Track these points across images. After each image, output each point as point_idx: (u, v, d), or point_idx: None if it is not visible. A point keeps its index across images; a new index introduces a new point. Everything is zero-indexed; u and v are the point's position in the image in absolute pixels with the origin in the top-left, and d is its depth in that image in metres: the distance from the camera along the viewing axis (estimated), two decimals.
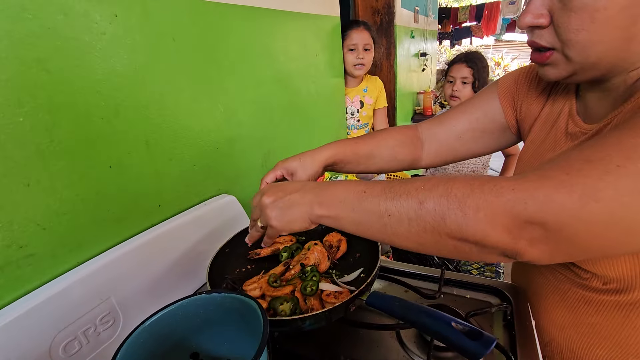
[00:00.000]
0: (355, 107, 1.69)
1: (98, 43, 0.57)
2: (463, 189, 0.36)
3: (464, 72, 1.54)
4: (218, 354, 0.51)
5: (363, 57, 1.57)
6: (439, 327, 0.40)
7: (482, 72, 1.55)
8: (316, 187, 0.47)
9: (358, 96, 1.68)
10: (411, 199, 0.38)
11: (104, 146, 0.59)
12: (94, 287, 0.56)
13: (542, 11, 0.43)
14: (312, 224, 0.47)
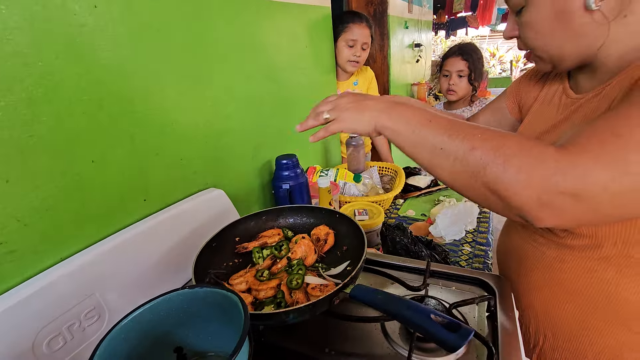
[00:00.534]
0: None
1: (78, 35, 0.55)
2: (514, 147, 0.38)
3: (460, 65, 1.53)
4: (202, 348, 0.51)
5: (360, 55, 1.51)
6: (418, 320, 0.41)
7: (478, 64, 1.54)
8: (390, 102, 0.51)
9: (348, 90, 1.67)
10: (465, 142, 0.41)
11: (87, 141, 0.58)
12: (78, 282, 0.56)
13: (514, 26, 0.57)
14: (375, 131, 0.51)
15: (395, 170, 1.46)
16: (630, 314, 0.54)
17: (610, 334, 0.57)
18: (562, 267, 0.59)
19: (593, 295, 0.56)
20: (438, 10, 5.54)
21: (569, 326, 0.61)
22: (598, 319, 0.57)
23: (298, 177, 1.04)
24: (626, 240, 0.50)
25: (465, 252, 1.03)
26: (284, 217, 0.81)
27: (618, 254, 0.52)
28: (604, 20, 0.46)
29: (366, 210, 1.14)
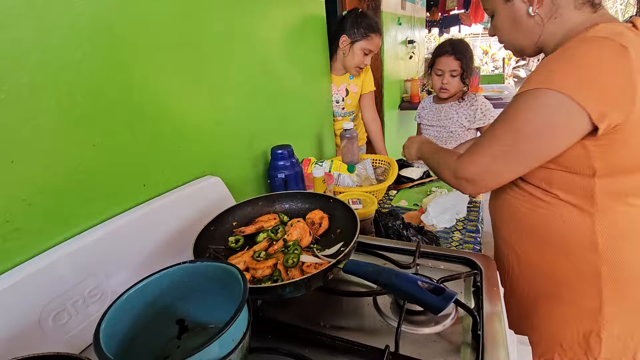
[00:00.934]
0: (341, 95, 1.70)
1: (77, 23, 0.57)
2: (441, 160, 0.81)
3: (453, 65, 1.54)
4: (203, 320, 0.54)
5: (366, 64, 1.60)
6: (406, 287, 0.44)
7: (470, 62, 1.56)
8: (424, 142, 0.98)
9: (344, 84, 1.69)
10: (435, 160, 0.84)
11: (87, 125, 0.60)
12: (81, 261, 0.58)
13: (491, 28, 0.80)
14: (418, 157, 0.99)
15: (389, 162, 1.49)
16: (563, 243, 0.73)
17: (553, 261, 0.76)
18: (520, 208, 0.78)
19: (541, 228, 0.75)
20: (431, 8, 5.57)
21: (527, 256, 0.81)
22: (545, 250, 0.76)
23: (293, 166, 1.07)
24: (548, 182, 0.71)
25: (455, 238, 1.06)
26: (279, 202, 0.83)
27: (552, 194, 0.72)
28: (541, 22, 0.69)
29: (360, 199, 1.17)
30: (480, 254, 0.70)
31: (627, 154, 0.62)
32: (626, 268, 0.70)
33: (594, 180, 0.65)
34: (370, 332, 0.57)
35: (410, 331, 0.56)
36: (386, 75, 2.59)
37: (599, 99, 0.56)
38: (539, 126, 0.61)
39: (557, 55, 0.61)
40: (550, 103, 0.59)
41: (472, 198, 1.29)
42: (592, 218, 0.68)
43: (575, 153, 0.63)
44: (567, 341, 0.78)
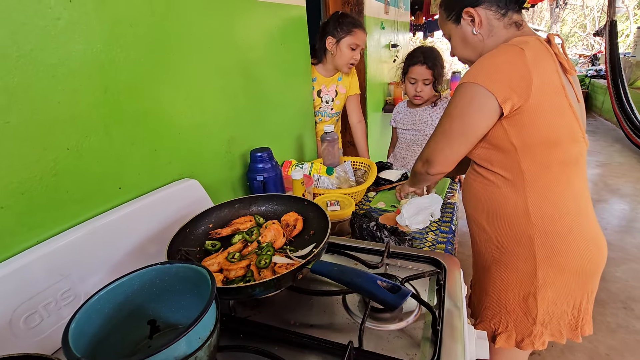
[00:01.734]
0: (331, 96, 1.73)
1: (53, 28, 0.58)
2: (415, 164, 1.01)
3: (426, 74, 1.60)
4: (174, 321, 0.55)
5: (357, 58, 1.63)
6: (366, 285, 0.47)
7: (440, 70, 1.62)
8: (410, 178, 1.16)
9: (334, 85, 1.72)
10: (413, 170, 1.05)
11: (62, 129, 0.61)
12: (54, 264, 0.59)
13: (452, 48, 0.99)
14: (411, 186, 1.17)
15: (368, 164, 1.53)
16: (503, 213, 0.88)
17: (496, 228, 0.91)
18: (475, 186, 0.94)
19: (485, 201, 0.92)
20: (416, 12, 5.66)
21: (478, 224, 0.97)
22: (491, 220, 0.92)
23: (272, 169, 1.09)
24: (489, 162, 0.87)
25: (429, 239, 1.10)
26: (256, 205, 0.85)
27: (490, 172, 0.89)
28: (482, 39, 0.88)
29: (338, 201, 1.19)
30: (446, 253, 0.74)
31: (534, 131, 0.78)
32: (554, 235, 0.83)
33: (517, 155, 0.81)
34: (338, 329, 0.60)
35: (376, 328, 0.59)
36: (369, 78, 2.63)
37: (503, 86, 0.75)
38: (463, 108, 0.81)
39: (479, 59, 0.81)
40: (470, 91, 0.79)
41: (447, 199, 1.34)
42: (524, 189, 0.83)
43: (497, 133, 0.82)
44: (510, 303, 0.92)
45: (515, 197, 0.85)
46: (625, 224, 2.77)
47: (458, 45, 0.94)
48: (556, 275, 0.86)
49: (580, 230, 0.85)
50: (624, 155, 4.20)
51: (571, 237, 0.84)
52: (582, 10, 10.72)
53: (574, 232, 0.84)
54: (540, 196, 0.83)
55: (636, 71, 4.95)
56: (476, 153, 0.90)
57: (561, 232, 0.84)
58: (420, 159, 0.96)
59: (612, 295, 1.99)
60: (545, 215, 0.83)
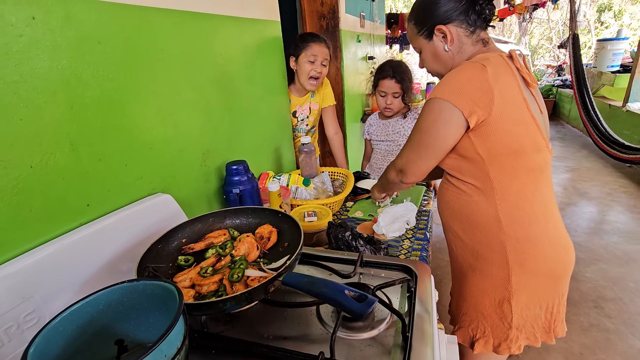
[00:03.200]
0: (305, 114, 1.76)
1: (14, 45, 0.57)
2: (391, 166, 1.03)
3: (395, 87, 1.66)
4: (143, 339, 0.54)
5: (320, 71, 1.63)
6: (334, 295, 0.47)
7: (409, 84, 1.68)
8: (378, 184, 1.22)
9: (307, 104, 1.75)
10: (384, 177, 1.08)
11: (24, 147, 0.60)
12: (16, 286, 0.57)
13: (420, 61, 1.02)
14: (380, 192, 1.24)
15: (346, 174, 1.55)
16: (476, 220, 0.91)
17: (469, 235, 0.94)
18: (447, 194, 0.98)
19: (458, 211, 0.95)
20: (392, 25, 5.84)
21: (453, 233, 1.00)
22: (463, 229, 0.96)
23: (249, 181, 1.09)
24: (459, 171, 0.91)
25: (405, 246, 1.12)
26: (230, 218, 0.85)
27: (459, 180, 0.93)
28: (452, 55, 0.92)
29: (315, 212, 1.20)
30: (418, 261, 0.76)
31: (498, 141, 0.82)
32: (525, 240, 0.87)
33: (485, 164, 0.85)
34: (311, 340, 0.60)
35: (349, 337, 0.59)
36: (347, 89, 2.68)
37: (467, 101, 0.79)
38: (432, 123, 0.85)
39: (445, 76, 0.85)
40: (437, 106, 0.83)
41: (422, 207, 1.37)
42: (494, 197, 0.87)
43: (464, 144, 0.86)
44: (486, 309, 0.95)
45: (486, 204, 0.88)
46: (594, 225, 2.89)
47: (429, 59, 0.97)
48: (528, 280, 0.89)
49: (548, 235, 0.89)
50: (591, 160, 4.41)
51: (540, 241, 0.87)
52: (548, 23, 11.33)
53: (542, 237, 0.87)
54: (509, 203, 0.86)
55: (598, 81, 5.25)
56: (447, 163, 0.93)
57: (531, 237, 0.87)
58: (394, 168, 0.99)
59: (584, 295, 2.07)
60: (515, 221, 0.86)
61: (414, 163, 0.92)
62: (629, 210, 3.08)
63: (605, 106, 4.67)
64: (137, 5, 0.80)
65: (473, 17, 0.88)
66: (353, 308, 0.44)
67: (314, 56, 1.59)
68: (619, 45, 5.07)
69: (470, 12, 0.87)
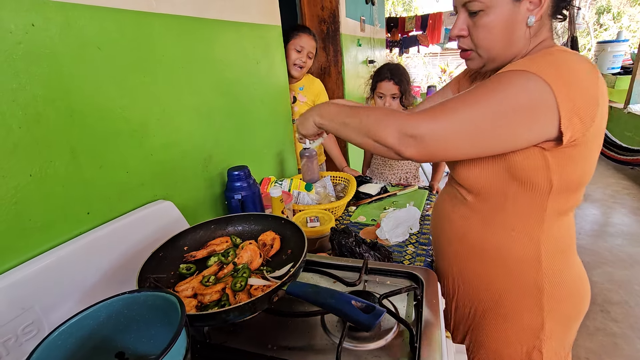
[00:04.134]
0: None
1: (13, 52, 0.57)
2: (383, 116, 0.63)
3: (393, 89, 1.67)
4: (144, 352, 0.53)
5: (305, 62, 1.70)
6: (341, 306, 0.46)
7: (407, 86, 1.69)
8: (320, 106, 0.78)
9: (292, 92, 1.77)
10: (358, 117, 0.67)
11: (23, 155, 0.59)
12: (14, 296, 0.55)
13: (464, 26, 0.68)
14: (317, 127, 0.77)
15: (348, 179, 1.54)
16: (508, 259, 0.72)
17: (497, 278, 0.75)
18: (464, 224, 0.77)
19: (485, 246, 0.74)
20: (392, 29, 5.86)
21: (472, 274, 0.79)
22: (490, 266, 0.75)
23: (250, 187, 1.08)
24: (500, 196, 0.69)
25: (409, 252, 1.11)
26: (232, 225, 0.84)
27: (495, 209, 0.71)
28: (527, 37, 0.65)
29: (317, 217, 1.19)
30: (423, 267, 0.74)
31: (577, 170, 0.63)
32: (563, 284, 0.72)
33: (548, 196, 0.65)
34: (316, 351, 0.59)
35: (355, 348, 0.58)
36: (347, 92, 2.68)
37: (571, 104, 0.55)
38: (510, 103, 0.56)
39: (545, 53, 0.60)
40: (533, 86, 0.55)
41: (426, 212, 1.36)
42: (539, 235, 0.69)
43: (533, 163, 0.62)
44: (511, 357, 0.79)
45: (528, 242, 0.70)
46: (598, 228, 2.88)
47: (498, 26, 0.64)
48: (562, 326, 0.76)
49: (580, 275, 0.76)
50: None
51: (575, 283, 0.75)
52: None
53: (577, 278, 0.75)
54: (553, 242, 0.70)
55: None
56: (480, 178, 0.69)
57: (567, 280, 0.73)
58: (399, 128, 0.61)
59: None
60: (557, 262, 0.71)
61: (445, 141, 0.59)
62: (633, 213, 3.06)
63: None
64: (137, 10, 0.79)
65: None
66: (360, 320, 0.43)
67: (301, 46, 1.67)
68: (619, 47, 5.08)
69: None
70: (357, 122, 0.67)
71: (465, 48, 0.71)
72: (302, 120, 0.79)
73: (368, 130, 0.64)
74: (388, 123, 0.62)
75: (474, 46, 0.68)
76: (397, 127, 0.60)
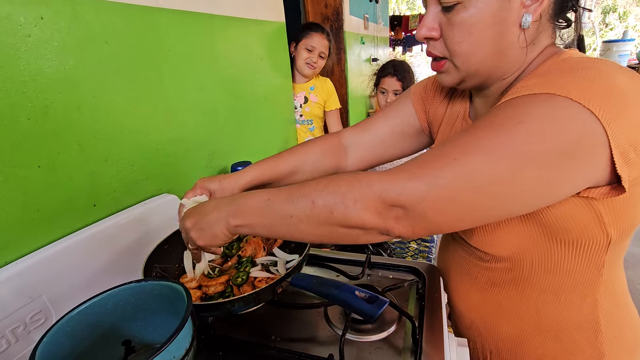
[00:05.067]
0: (299, 102, 1.75)
1: (22, 45, 0.57)
2: (346, 185, 0.43)
3: (395, 85, 1.67)
4: (150, 341, 0.54)
5: (316, 62, 1.66)
6: (344, 296, 0.47)
7: (410, 82, 1.68)
8: (229, 201, 0.51)
9: (303, 92, 1.75)
10: (306, 200, 0.44)
11: (32, 147, 0.59)
12: (23, 285, 0.56)
13: (434, 25, 0.50)
14: (232, 235, 0.51)
15: None
16: (556, 325, 0.57)
17: (543, 345, 0.59)
18: (493, 291, 0.60)
19: (524, 313, 0.58)
20: (395, 28, 5.84)
21: (509, 342, 0.62)
22: (532, 334, 0.59)
23: None
24: (541, 261, 0.53)
25: (411, 248, 1.11)
26: None
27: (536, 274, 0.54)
28: (523, 45, 0.48)
29: None
30: (426, 262, 0.75)
31: (634, 216, 0.48)
32: (624, 342, 0.58)
33: (606, 249, 0.50)
34: (319, 342, 0.59)
35: (358, 339, 0.58)
36: (350, 91, 2.68)
37: (625, 138, 0.38)
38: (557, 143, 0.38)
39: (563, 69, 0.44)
40: (578, 119, 0.38)
41: None
42: (595, 293, 0.54)
43: (582, 219, 0.47)
44: None
45: (581, 304, 0.55)
46: None
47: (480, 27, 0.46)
48: None
49: (634, 315, 0.61)
50: None
51: (633, 329, 0.60)
52: None
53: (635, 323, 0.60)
54: (611, 299, 0.56)
55: None
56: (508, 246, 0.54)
57: (631, 341, 0.59)
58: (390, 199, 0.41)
59: None
60: (617, 319, 0.57)
61: (448, 206, 0.41)
62: None
63: None
64: (144, 5, 0.80)
65: None
66: (364, 309, 0.43)
67: (312, 46, 1.64)
68: (625, 46, 5.04)
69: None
70: (308, 208, 0.44)
71: (436, 55, 0.52)
72: (201, 224, 0.51)
73: (330, 213, 0.42)
74: (359, 193, 0.42)
75: (448, 53, 0.50)
76: (375, 195, 0.41)
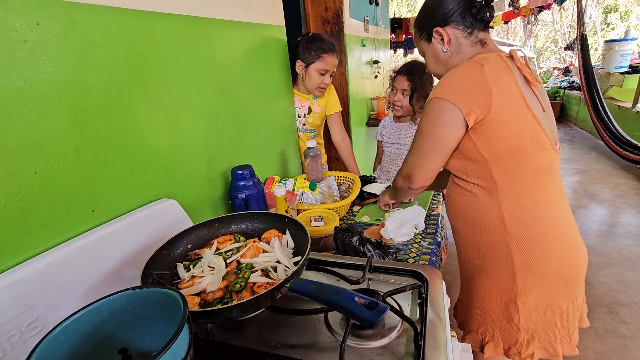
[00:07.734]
0: (303, 111, 1.74)
1: (18, 51, 0.57)
2: (396, 180, 1.06)
3: (404, 84, 1.65)
4: (147, 348, 0.53)
5: (327, 83, 1.63)
6: (344, 303, 0.46)
7: (421, 86, 1.65)
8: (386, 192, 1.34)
9: (307, 102, 1.73)
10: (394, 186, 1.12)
11: (28, 153, 0.59)
12: (19, 293, 0.56)
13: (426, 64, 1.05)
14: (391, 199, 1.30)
15: (352, 178, 1.53)
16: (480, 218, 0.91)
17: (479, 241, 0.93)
18: (454, 197, 0.99)
19: (466, 214, 0.95)
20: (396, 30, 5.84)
21: (463, 239, 1.00)
22: (471, 231, 0.95)
23: (254, 186, 1.08)
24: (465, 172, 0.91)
25: (414, 250, 1.10)
26: (236, 223, 0.84)
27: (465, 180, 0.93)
28: (451, 55, 0.94)
29: (322, 216, 1.19)
30: (428, 266, 0.74)
31: (499, 141, 0.82)
32: (529, 240, 0.86)
33: (488, 164, 0.85)
34: (320, 349, 0.58)
35: (359, 346, 0.57)
36: (352, 94, 2.67)
37: (465, 99, 0.80)
38: (432, 123, 0.86)
39: (444, 76, 0.87)
40: (437, 106, 0.84)
41: (431, 211, 1.34)
42: (498, 197, 0.86)
43: (466, 144, 0.86)
44: (493, 311, 0.94)
45: (491, 205, 0.88)
46: (606, 228, 2.83)
47: (430, 61, 1.01)
48: (535, 281, 0.88)
49: (554, 235, 0.87)
50: (600, 162, 4.34)
51: (546, 242, 0.86)
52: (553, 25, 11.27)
53: (547, 237, 0.86)
54: (513, 203, 0.86)
55: (606, 82, 5.19)
56: (452, 165, 0.94)
57: (535, 237, 0.86)
58: (401, 175, 1.00)
59: (598, 300, 2.02)
60: (520, 221, 0.86)
61: (419, 166, 0.92)
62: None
63: (614, 107, 4.60)
64: (142, 10, 0.80)
65: (470, 20, 0.89)
66: (364, 316, 0.42)
67: (325, 70, 1.58)
68: (627, 46, 5.01)
69: (466, 14, 0.89)
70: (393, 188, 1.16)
71: None
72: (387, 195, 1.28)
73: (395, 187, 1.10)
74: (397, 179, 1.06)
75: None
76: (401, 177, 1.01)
